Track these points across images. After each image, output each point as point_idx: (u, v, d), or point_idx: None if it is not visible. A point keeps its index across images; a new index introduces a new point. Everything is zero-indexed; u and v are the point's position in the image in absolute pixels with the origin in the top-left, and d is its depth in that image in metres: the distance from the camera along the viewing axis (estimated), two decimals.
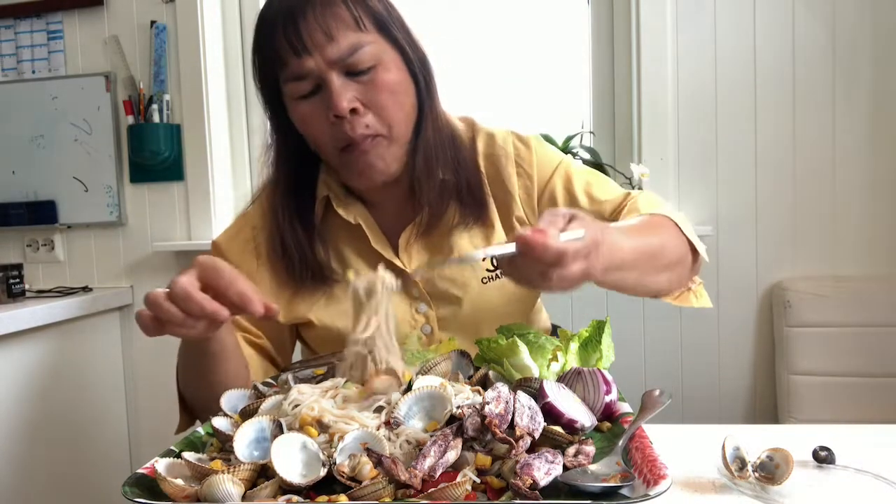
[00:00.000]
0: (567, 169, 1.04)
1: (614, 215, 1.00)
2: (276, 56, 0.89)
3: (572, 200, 1.02)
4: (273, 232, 1.01)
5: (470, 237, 1.01)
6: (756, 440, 0.71)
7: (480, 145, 1.04)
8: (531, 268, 0.68)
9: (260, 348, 1.04)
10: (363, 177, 0.94)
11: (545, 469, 0.57)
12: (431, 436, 0.61)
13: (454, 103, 1.05)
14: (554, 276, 0.67)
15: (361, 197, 1.02)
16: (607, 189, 1.03)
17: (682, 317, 1.83)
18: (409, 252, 1.01)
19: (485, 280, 1.02)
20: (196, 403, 0.98)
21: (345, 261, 1.02)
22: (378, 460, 0.58)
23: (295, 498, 0.57)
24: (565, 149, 1.80)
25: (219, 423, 0.70)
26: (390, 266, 0.98)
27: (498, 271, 1.02)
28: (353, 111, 0.89)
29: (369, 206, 1.02)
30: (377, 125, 0.91)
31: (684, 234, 0.93)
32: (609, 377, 0.77)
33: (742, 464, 0.67)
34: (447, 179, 0.98)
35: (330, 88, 0.88)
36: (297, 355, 1.13)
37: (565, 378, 0.78)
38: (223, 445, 0.68)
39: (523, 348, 0.80)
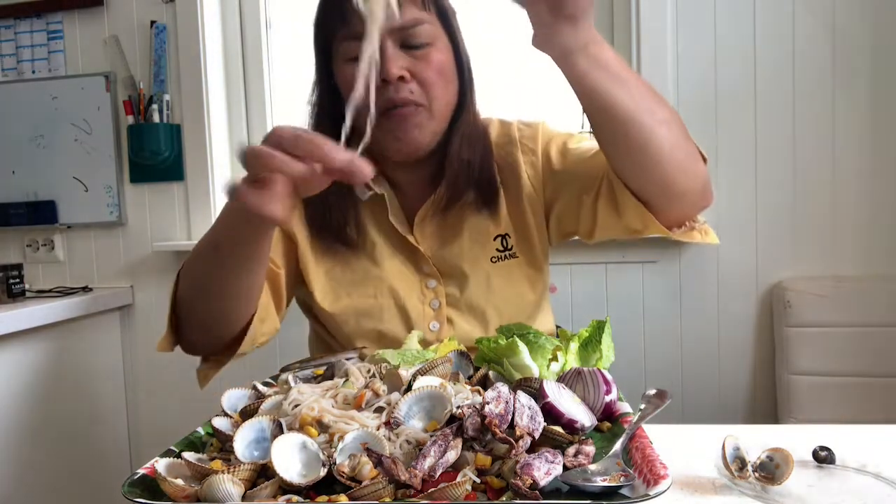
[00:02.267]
0: (566, 135, 1.10)
1: None
2: (339, 13, 0.93)
3: (564, 152, 1.07)
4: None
5: (479, 221, 1.05)
6: (756, 440, 0.71)
7: (493, 135, 1.10)
8: None
9: (273, 281, 1.01)
10: (400, 143, 0.97)
11: (545, 469, 0.57)
12: (431, 436, 0.61)
13: None
14: None
15: (386, 176, 1.05)
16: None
17: (681, 316, 1.83)
18: (423, 229, 1.05)
19: (494, 259, 1.06)
20: (195, 317, 0.90)
21: (364, 231, 1.05)
22: (378, 460, 0.58)
23: (295, 498, 0.57)
24: None
25: (219, 423, 0.70)
26: (404, 242, 1.04)
27: (506, 252, 1.06)
28: (401, 78, 0.92)
29: (392, 186, 1.06)
30: (420, 95, 0.94)
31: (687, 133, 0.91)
32: (609, 377, 0.77)
33: (742, 464, 0.67)
34: (472, 164, 1.02)
35: (383, 53, 0.91)
36: (299, 354, 1.13)
37: (565, 378, 0.78)
38: (223, 445, 0.68)
39: (523, 348, 0.80)
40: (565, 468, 0.60)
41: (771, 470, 0.65)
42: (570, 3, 0.74)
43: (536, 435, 0.64)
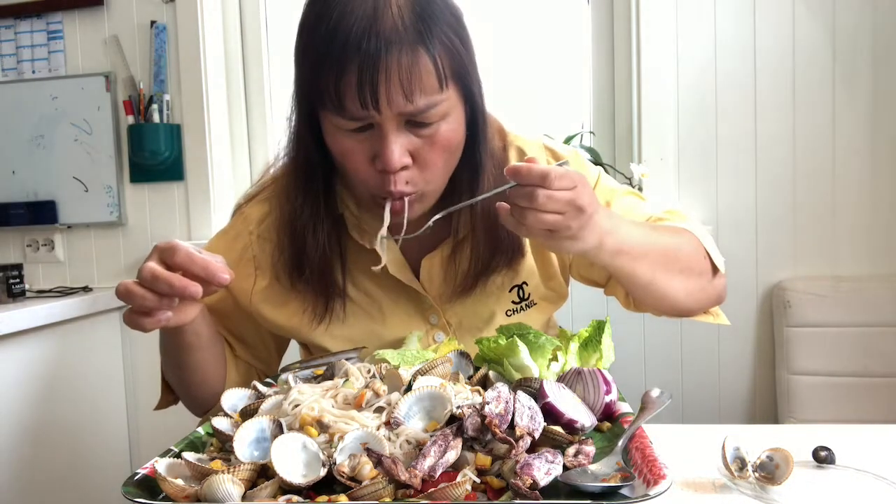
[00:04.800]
0: (605, 188, 1.00)
1: None
2: (335, 95, 0.77)
3: None
4: (285, 243, 0.93)
5: (496, 275, 0.95)
6: (756, 440, 0.71)
7: (512, 162, 0.97)
8: (520, 194, 0.72)
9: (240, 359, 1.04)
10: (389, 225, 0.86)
11: (545, 469, 0.57)
12: (431, 436, 0.61)
13: None
14: (540, 195, 0.70)
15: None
16: (642, 210, 1.01)
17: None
18: (431, 275, 0.96)
19: (509, 313, 0.98)
20: (175, 389, 1.00)
21: (356, 281, 0.97)
22: (378, 460, 0.58)
23: (295, 498, 0.57)
24: None
25: (219, 423, 0.70)
26: (409, 290, 0.95)
27: (523, 303, 0.99)
28: (402, 168, 0.81)
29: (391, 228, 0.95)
30: (419, 182, 0.83)
31: (703, 247, 0.94)
32: (609, 377, 0.77)
33: (742, 464, 0.67)
34: (499, 234, 0.91)
35: (385, 140, 0.78)
36: (299, 354, 1.13)
37: (565, 378, 0.78)
38: (223, 445, 0.68)
39: (523, 348, 0.80)
40: (565, 468, 0.60)
41: (771, 470, 0.65)
42: (563, 230, 0.73)
43: (536, 435, 0.63)
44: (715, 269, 0.95)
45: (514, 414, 0.63)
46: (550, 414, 0.68)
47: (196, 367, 0.92)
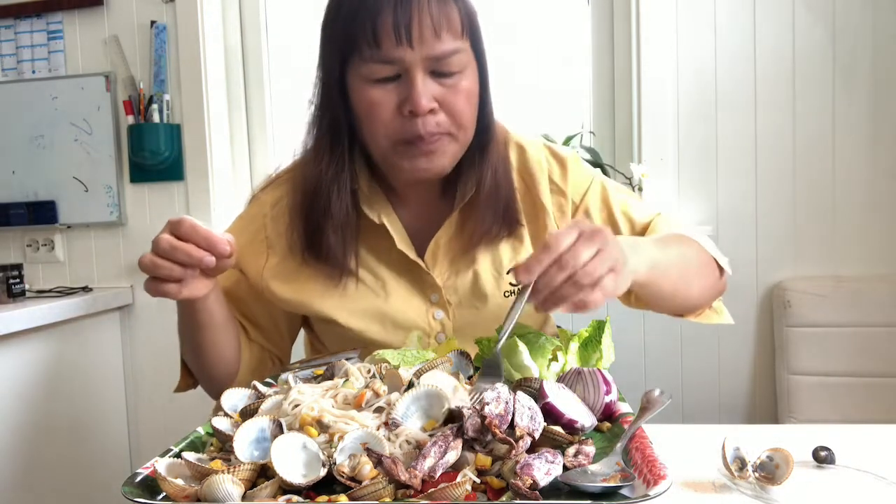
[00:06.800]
0: (603, 186, 1.05)
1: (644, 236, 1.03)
2: (371, 34, 0.85)
3: (611, 220, 1.03)
4: (299, 219, 0.98)
5: (495, 252, 1.00)
6: (756, 440, 0.71)
7: (513, 158, 1.03)
8: (555, 272, 0.72)
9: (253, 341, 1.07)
10: (418, 171, 0.92)
11: (545, 469, 0.57)
12: (431, 436, 0.61)
13: None
14: (582, 249, 0.71)
15: (390, 190, 1.00)
16: (641, 209, 1.06)
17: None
18: (436, 254, 1.00)
19: (507, 294, 1.01)
20: (193, 370, 1.03)
21: (363, 258, 1.00)
22: (378, 460, 0.58)
23: (295, 498, 0.57)
24: None
25: (219, 423, 0.70)
26: (412, 267, 0.99)
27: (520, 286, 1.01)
28: (430, 111, 0.88)
29: (395, 203, 1.00)
30: (447, 124, 0.90)
31: (706, 251, 0.99)
32: (609, 377, 0.77)
33: (742, 464, 0.67)
34: (500, 199, 0.97)
35: (414, 83, 0.86)
36: (299, 354, 1.13)
37: (565, 378, 0.78)
38: (223, 445, 0.68)
39: (523, 348, 0.80)
40: (565, 468, 0.60)
41: (771, 470, 0.65)
42: (616, 267, 0.74)
43: (536, 435, 0.63)
44: (721, 270, 1.00)
45: (514, 414, 0.63)
46: (550, 414, 0.68)
47: (210, 347, 0.96)
